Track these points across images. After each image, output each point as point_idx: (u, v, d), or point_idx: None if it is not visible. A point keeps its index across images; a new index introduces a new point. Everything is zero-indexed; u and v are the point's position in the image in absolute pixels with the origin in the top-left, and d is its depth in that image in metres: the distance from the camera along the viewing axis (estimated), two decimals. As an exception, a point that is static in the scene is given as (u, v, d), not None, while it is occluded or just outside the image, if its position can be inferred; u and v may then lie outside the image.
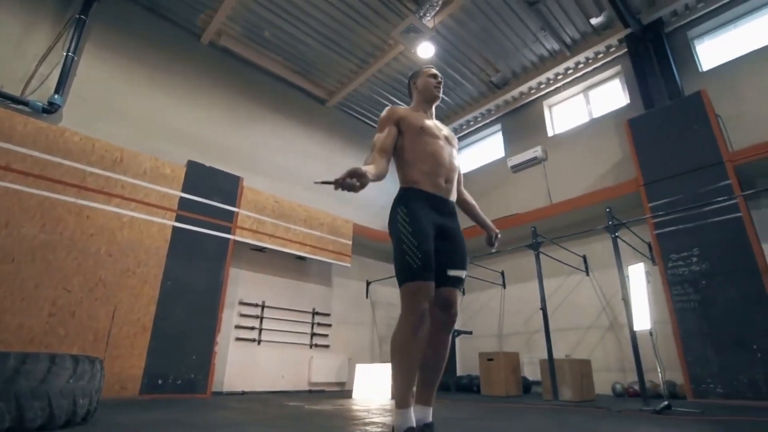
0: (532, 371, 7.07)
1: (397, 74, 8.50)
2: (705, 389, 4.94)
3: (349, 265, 7.77)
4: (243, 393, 6.11)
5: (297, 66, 8.34)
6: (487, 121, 9.73)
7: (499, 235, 2.28)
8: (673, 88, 6.51)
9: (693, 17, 6.87)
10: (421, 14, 6.62)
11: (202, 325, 5.64)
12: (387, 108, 2.06)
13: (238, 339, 6.44)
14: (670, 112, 6.17)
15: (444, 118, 9.86)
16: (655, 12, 6.82)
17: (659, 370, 4.38)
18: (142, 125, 6.39)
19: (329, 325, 7.62)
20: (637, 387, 5.80)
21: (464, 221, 2.48)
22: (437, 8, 6.57)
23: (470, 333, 7.11)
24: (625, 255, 6.80)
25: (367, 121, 9.96)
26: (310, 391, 6.85)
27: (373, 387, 5.91)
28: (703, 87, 6.14)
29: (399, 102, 9.25)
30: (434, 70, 2.24)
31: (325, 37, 7.55)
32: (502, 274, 8.27)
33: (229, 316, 6.35)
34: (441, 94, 2.22)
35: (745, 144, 5.64)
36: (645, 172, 6.16)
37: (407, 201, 1.90)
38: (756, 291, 4.86)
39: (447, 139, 2.09)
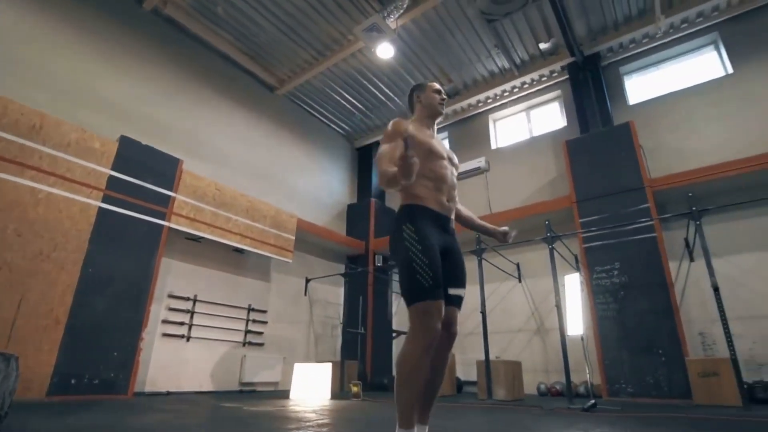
0: (464, 371, 7.35)
1: (353, 71, 8.41)
2: (618, 389, 5.49)
3: (290, 260, 7.52)
4: (168, 393, 5.63)
5: (249, 49, 7.92)
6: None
7: (507, 230, 2.25)
8: (606, 117, 7.18)
9: (625, 55, 7.65)
10: (385, 14, 6.61)
11: (127, 318, 5.10)
12: (395, 121, 1.96)
13: (166, 335, 5.92)
14: (603, 138, 6.80)
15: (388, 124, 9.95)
16: (595, 46, 7.48)
17: (588, 372, 4.78)
18: (68, 91, 5.65)
19: (265, 323, 7.30)
20: (559, 387, 6.30)
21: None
22: (402, 11, 6.61)
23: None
24: (546, 266, 7.35)
25: (317, 114, 9.74)
26: (241, 391, 6.51)
27: (311, 387, 5.76)
28: (631, 118, 6.85)
29: (351, 99, 9.18)
30: (438, 86, 2.21)
31: (283, 22, 7.25)
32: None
33: (156, 310, 5.82)
34: (444, 111, 2.20)
35: (660, 173, 6.37)
36: (578, 190, 6.71)
37: (413, 218, 1.84)
38: (664, 303, 5.50)
39: (449, 158, 2.08)
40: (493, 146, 9.12)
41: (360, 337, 8.09)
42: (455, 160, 2.13)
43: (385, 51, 7.29)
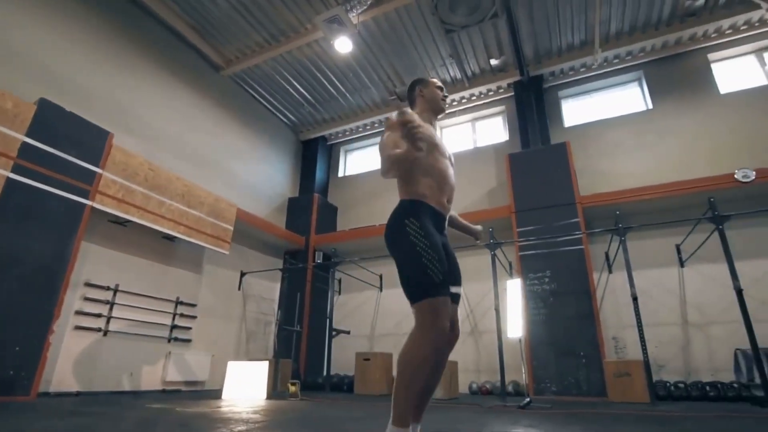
0: (399, 371, 7.43)
1: (307, 61, 8.18)
2: (543, 388, 5.91)
3: (227, 252, 7.09)
4: (77, 394, 5.00)
5: (197, 23, 7.35)
6: (383, 129, 10.01)
7: (481, 229, 2.37)
8: (545, 135, 7.72)
9: (564, 80, 8.30)
10: (348, 8, 6.51)
11: (34, 308, 4.45)
12: (402, 111, 1.90)
13: (79, 328, 5.26)
14: (542, 154, 7.30)
15: (343, 117, 9.85)
16: (540, 68, 8.02)
17: (524, 372, 5.07)
18: (-26, 38, 4.81)
19: (194, 317, 6.80)
20: (489, 386, 6.62)
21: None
22: (365, 7, 6.55)
23: (348, 332, 7.16)
24: (489, 270, 7.72)
25: (263, 101, 9.32)
26: (163, 391, 5.99)
27: (245, 386, 5.46)
28: (566, 139, 7.44)
29: (301, 89, 8.92)
30: (440, 83, 2.21)
31: (239, 0, 6.83)
32: (381, 277, 8.57)
33: (70, 300, 5.15)
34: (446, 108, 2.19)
35: (589, 192, 6.98)
36: (517, 201, 7.13)
37: (417, 214, 1.80)
38: (587, 309, 6.04)
39: (450, 159, 2.06)
40: (439, 152, 9.37)
41: (295, 335, 7.85)
42: (452, 160, 2.12)
43: (343, 45, 7.18)
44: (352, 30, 6.76)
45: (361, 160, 10.54)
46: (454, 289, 1.84)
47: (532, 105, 7.97)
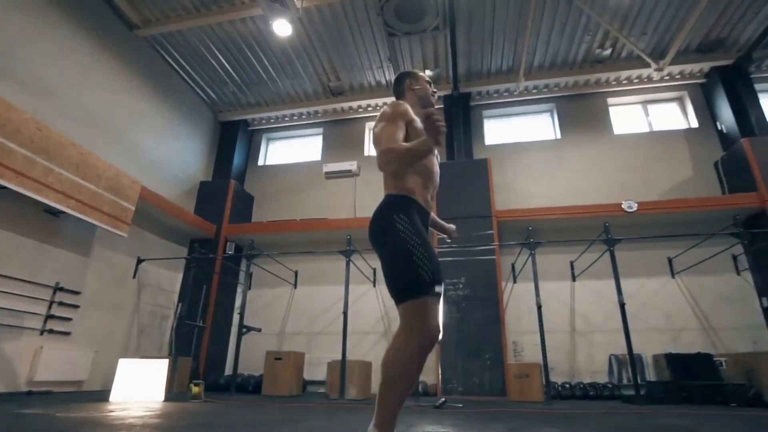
0: (309, 371, 7.24)
1: (239, 38, 7.62)
2: (450, 388, 6.21)
3: (125, 234, 6.24)
4: None
5: (112, -32, 6.40)
6: (312, 121, 9.76)
7: (455, 228, 2.34)
8: (469, 149, 8.19)
9: (489, 101, 8.89)
10: (294, -10, 6.21)
11: None
12: (398, 103, 1.83)
13: None
14: (466, 167, 7.72)
15: (269, 103, 9.37)
16: (470, 86, 8.50)
17: (439, 373, 5.26)
18: None
19: (76, 307, 5.86)
20: (398, 387, 6.76)
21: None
22: (312, -7, 6.31)
23: (259, 330, 6.76)
24: (409, 274, 7.91)
25: (181, 72, 8.45)
26: (29, 393, 5.04)
27: (139, 387, 4.84)
28: (487, 156, 7.97)
29: (228, 67, 8.28)
30: (428, 78, 2.17)
31: (169, -46, 6.12)
32: (296, 273, 8.28)
33: None
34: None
35: (504, 207, 7.56)
36: (441, 209, 7.42)
37: (406, 210, 1.73)
38: (494, 315, 6.51)
39: (437, 156, 2.03)
40: (366, 153, 9.40)
41: (197, 331, 7.20)
42: (439, 158, 2.10)
43: (281, 28, 6.82)
44: (294, 13, 6.44)
45: (284, 151, 10.11)
46: (438, 289, 1.82)
47: (459, 120, 8.40)
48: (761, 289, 5.66)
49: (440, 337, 1.80)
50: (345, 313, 5.97)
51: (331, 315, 7.85)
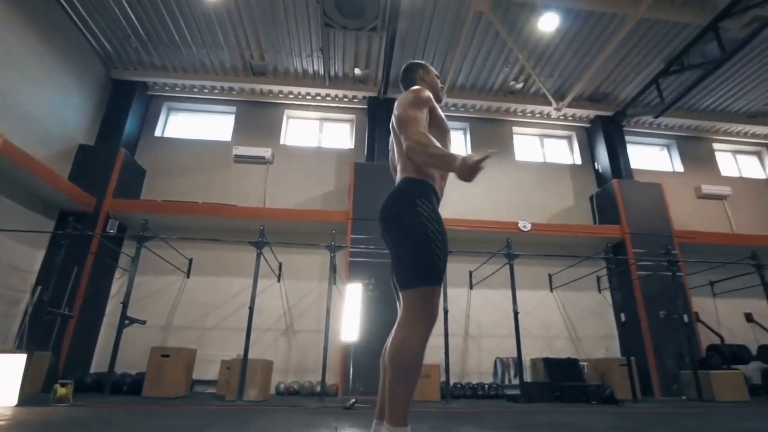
0: (197, 370, 6.58)
1: (171, 2, 6.69)
2: (352, 388, 6.21)
3: (-27, 196, 4.98)
4: None
5: None
6: (225, 98, 8.99)
7: None
8: (388, 154, 8.33)
9: (411, 110, 9.16)
10: (232, -47, 5.67)
11: None
12: (424, 89, 1.80)
13: None
14: (384, 170, 7.82)
15: (178, 69, 8.39)
16: (396, 92, 8.66)
17: (351, 374, 5.21)
18: None
19: None
20: (296, 386, 6.55)
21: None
22: (251, -39, 5.83)
23: (144, 322, 5.91)
24: (316, 271, 7.77)
25: (73, 15, 7.07)
26: None
27: (-19, 387, 3.88)
28: (405, 162, 8.20)
29: (135, 21, 7.21)
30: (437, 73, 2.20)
31: None
32: (190, 262, 7.51)
33: None
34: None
35: (416, 213, 7.85)
36: (356, 209, 7.43)
37: (428, 196, 1.71)
38: (400, 317, 6.69)
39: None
40: (282, 141, 8.98)
41: (60, 321, 6.06)
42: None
43: (210, -10, 6.18)
44: (227, -22, 5.89)
45: (188, 124, 9.12)
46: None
47: (383, 123, 8.51)
48: (619, 305, 6.80)
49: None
50: (251, 308, 5.59)
51: (227, 309, 7.29)
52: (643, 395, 6.33)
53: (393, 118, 1.82)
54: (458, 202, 8.30)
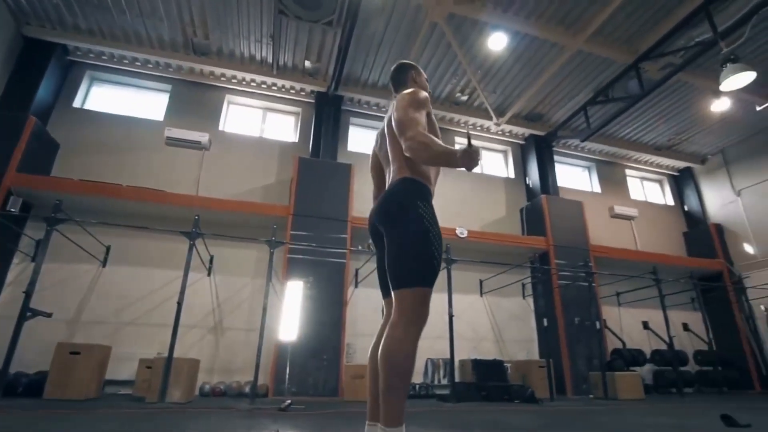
0: (110, 369, 5.96)
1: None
2: (283, 389, 6.02)
3: None
4: None
5: None
6: (160, 74, 8.28)
7: None
8: (334, 151, 8.23)
9: (357, 110, 9.15)
10: None
11: None
12: (420, 91, 1.81)
13: None
14: (330, 168, 7.73)
15: (107, 35, 7.58)
16: (345, 91, 8.61)
17: (287, 374, 5.03)
18: None
19: None
20: (222, 387, 6.19)
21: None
22: (206, -69, 5.44)
23: (50, 315, 5.19)
24: (250, 266, 7.46)
25: None
26: None
27: None
28: (347, 161, 8.13)
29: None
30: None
31: None
32: (108, 249, 6.80)
33: None
34: None
35: (359, 214, 7.81)
36: (298, 204, 7.23)
37: (427, 198, 1.76)
38: (337, 317, 6.65)
39: None
40: (221, 127, 8.48)
41: (-63, 310, 5.15)
42: None
43: (154, -45, 5.67)
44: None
45: (113, 98, 8.27)
46: None
47: (330, 120, 8.39)
48: (542, 311, 7.34)
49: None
50: (179, 303, 5.18)
51: (148, 303, 6.72)
52: (557, 394, 6.88)
53: (392, 120, 1.80)
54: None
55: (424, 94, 1.84)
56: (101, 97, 8.24)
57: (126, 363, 5.98)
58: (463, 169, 1.54)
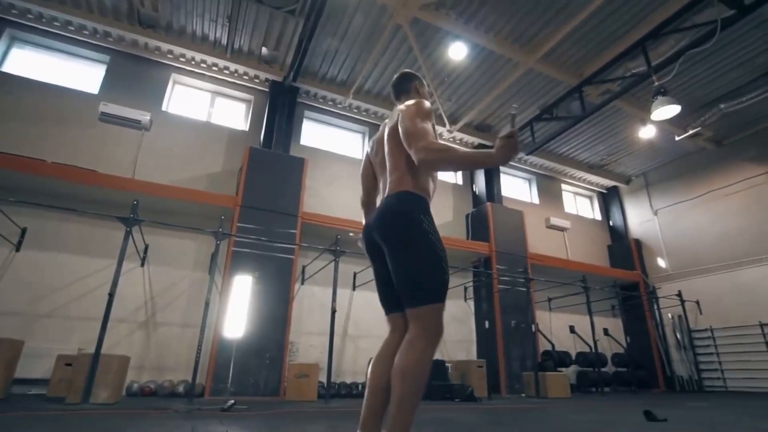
0: (20, 367, 5.31)
1: None
2: (221, 388, 5.72)
3: None
4: None
5: None
6: (96, 43, 7.53)
7: None
8: (287, 144, 7.99)
9: (313, 104, 8.96)
10: None
11: None
12: (425, 101, 1.79)
13: None
14: (281, 160, 7.49)
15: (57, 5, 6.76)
16: (302, 83, 8.39)
17: (230, 373, 4.77)
18: None
19: None
20: (153, 386, 5.77)
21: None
22: None
23: (-53, 304, 4.50)
24: (189, 258, 7.05)
25: None
26: None
27: None
28: (300, 154, 7.95)
29: None
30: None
31: None
32: (24, 231, 6.06)
33: None
34: None
35: (310, 210, 7.65)
36: (246, 196, 6.92)
37: (429, 212, 1.72)
38: (282, 314, 6.46)
39: None
40: (164, 108, 7.90)
41: None
42: None
43: None
44: None
45: (39, 63, 7.40)
46: None
47: (284, 111, 8.13)
48: (483, 314, 7.65)
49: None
50: (111, 295, 4.73)
51: (69, 293, 6.09)
52: (492, 393, 7.21)
53: (399, 130, 1.75)
54: (348, 203, 8.35)
55: (429, 104, 1.83)
56: (24, 60, 7.33)
57: (40, 360, 5.36)
58: (508, 161, 1.50)
